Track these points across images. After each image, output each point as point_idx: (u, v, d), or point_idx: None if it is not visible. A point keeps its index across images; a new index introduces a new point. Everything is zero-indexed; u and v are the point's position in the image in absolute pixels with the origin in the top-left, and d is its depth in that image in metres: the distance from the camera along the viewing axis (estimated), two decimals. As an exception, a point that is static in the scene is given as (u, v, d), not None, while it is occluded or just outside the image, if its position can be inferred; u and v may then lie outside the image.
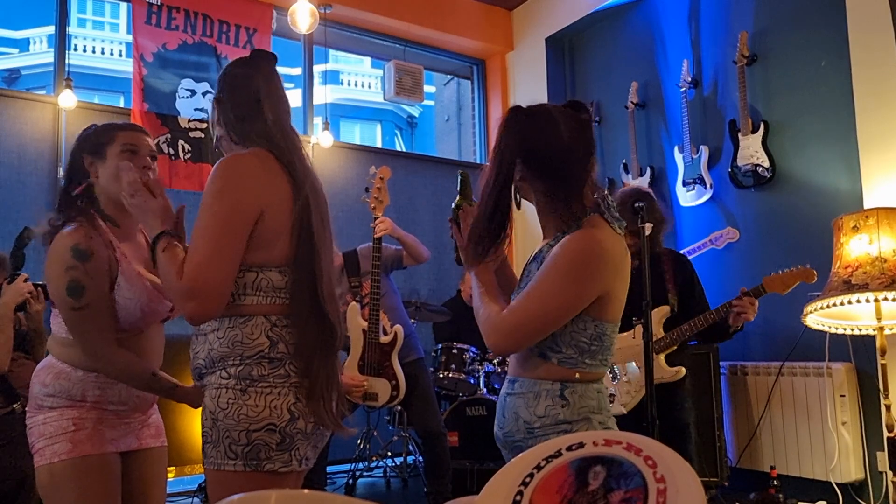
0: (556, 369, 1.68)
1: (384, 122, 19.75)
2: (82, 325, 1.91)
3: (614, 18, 5.97)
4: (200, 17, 5.37)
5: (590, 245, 1.64)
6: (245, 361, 1.63)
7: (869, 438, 4.07)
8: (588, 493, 0.78)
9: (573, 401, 1.66)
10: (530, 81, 6.52)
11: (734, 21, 4.97)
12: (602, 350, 1.70)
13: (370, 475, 5.19)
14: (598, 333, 1.68)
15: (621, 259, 1.69)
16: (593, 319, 1.67)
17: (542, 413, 1.67)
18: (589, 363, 1.69)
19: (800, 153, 4.57)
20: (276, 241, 1.66)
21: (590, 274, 1.63)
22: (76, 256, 1.90)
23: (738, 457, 4.51)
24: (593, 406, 1.68)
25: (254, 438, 1.60)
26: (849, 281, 3.16)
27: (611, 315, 1.69)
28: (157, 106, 5.15)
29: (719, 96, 5.06)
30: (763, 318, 4.57)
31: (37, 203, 4.76)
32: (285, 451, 1.62)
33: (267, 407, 1.61)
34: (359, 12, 5.97)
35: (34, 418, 1.97)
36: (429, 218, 6.19)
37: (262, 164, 1.67)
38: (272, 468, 1.61)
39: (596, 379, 1.71)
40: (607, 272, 1.65)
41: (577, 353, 1.67)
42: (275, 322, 1.65)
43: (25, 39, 18.12)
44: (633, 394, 3.31)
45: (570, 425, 1.65)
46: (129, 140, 2.02)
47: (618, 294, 1.69)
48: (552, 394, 1.67)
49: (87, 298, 1.89)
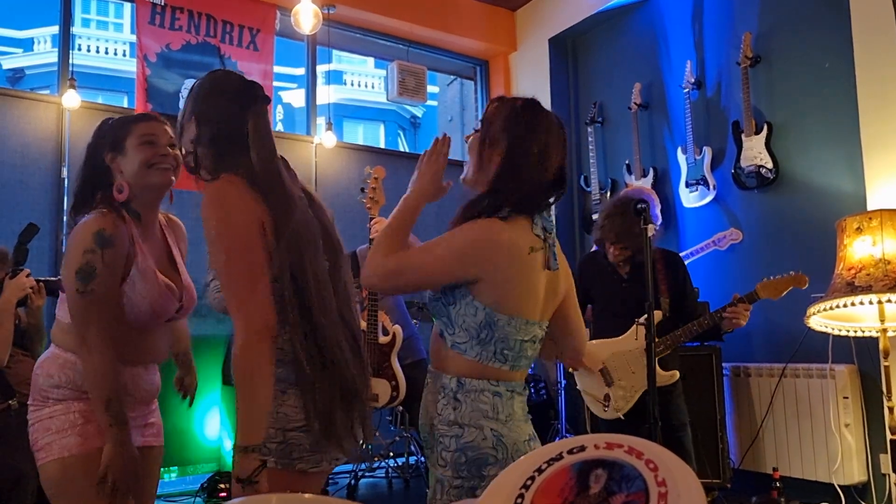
0: (453, 358, 1.70)
1: (387, 122, 19.78)
2: (83, 310, 1.88)
3: (618, 19, 5.97)
4: (204, 18, 5.38)
5: (482, 227, 1.68)
6: (286, 364, 1.69)
7: (872, 440, 4.06)
8: (589, 497, 0.78)
9: (465, 402, 1.66)
10: (533, 82, 6.51)
11: (738, 22, 4.97)
12: (495, 340, 1.67)
13: (372, 476, 5.19)
14: (488, 321, 1.66)
15: (517, 254, 1.67)
16: (484, 307, 1.66)
17: (439, 412, 1.70)
18: (480, 352, 1.67)
19: (803, 154, 4.56)
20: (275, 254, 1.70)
21: (471, 251, 1.66)
22: (97, 241, 1.89)
23: (741, 458, 4.51)
24: (485, 410, 1.65)
25: (289, 438, 1.66)
26: (852, 283, 3.15)
27: (502, 306, 1.66)
28: (160, 106, 5.16)
29: (723, 97, 5.06)
30: (766, 319, 4.58)
31: (40, 203, 4.77)
32: (317, 452, 1.68)
33: (302, 409, 1.67)
34: (362, 13, 5.98)
35: (39, 412, 1.93)
36: (432, 219, 6.15)
37: (238, 188, 1.69)
38: (303, 468, 1.67)
39: (495, 378, 1.68)
40: (490, 258, 1.65)
41: (468, 338, 1.68)
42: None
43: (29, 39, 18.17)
44: (627, 399, 3.31)
45: (461, 428, 1.65)
46: (146, 131, 2.03)
47: (507, 286, 1.66)
48: (448, 392, 1.69)
49: (95, 285, 1.87)
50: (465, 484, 1.63)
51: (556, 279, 1.77)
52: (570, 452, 0.85)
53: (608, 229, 3.38)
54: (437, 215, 6.19)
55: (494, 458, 1.62)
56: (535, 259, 1.69)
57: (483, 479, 1.61)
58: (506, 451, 1.63)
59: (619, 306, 3.35)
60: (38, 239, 2.99)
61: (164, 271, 2.06)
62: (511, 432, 1.66)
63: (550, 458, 0.86)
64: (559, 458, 0.85)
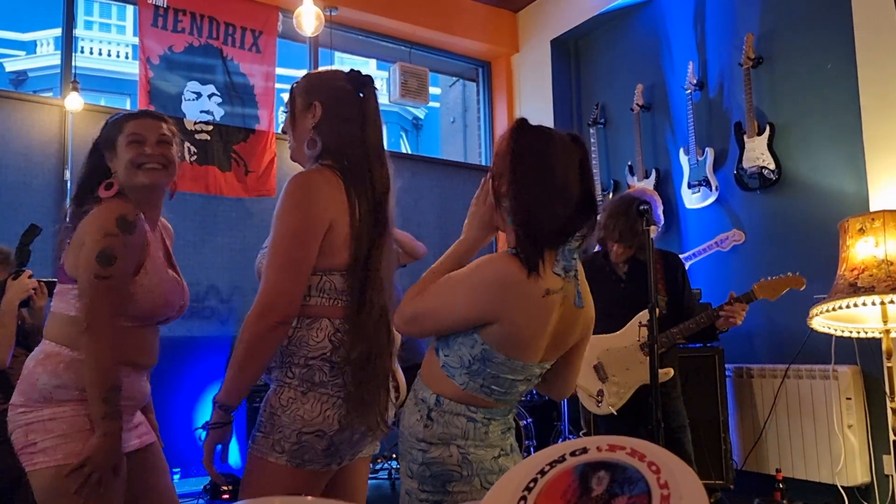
0: (440, 374, 1.66)
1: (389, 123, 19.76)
2: (99, 296, 1.82)
3: (620, 20, 5.97)
4: (206, 20, 5.38)
5: (496, 268, 1.59)
6: (310, 363, 1.72)
7: (875, 442, 4.06)
8: (592, 499, 0.79)
9: (437, 422, 1.63)
10: (536, 83, 6.52)
11: (740, 23, 4.96)
12: (485, 375, 1.61)
13: (375, 477, 5.18)
14: (484, 356, 1.59)
15: (528, 302, 1.56)
16: (482, 342, 1.59)
17: (411, 424, 1.68)
18: (467, 382, 1.63)
19: (806, 155, 4.56)
20: (341, 249, 1.74)
21: (483, 295, 1.58)
22: (120, 226, 1.84)
23: (744, 460, 4.50)
24: (455, 434, 1.62)
25: (303, 440, 1.69)
26: (855, 284, 3.14)
27: (503, 347, 1.59)
28: (163, 108, 5.16)
29: (725, 98, 5.05)
30: (769, 320, 4.57)
31: (43, 205, 4.78)
32: (331, 455, 1.72)
33: (321, 414, 1.70)
34: (364, 14, 5.98)
35: (37, 412, 1.83)
36: (434, 220, 6.20)
37: (327, 181, 1.76)
38: (313, 469, 1.71)
39: (475, 405, 1.64)
40: (503, 303, 1.56)
41: (459, 364, 1.63)
42: (338, 327, 1.73)
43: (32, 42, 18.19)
44: (621, 394, 3.32)
45: (429, 445, 1.63)
46: (133, 129, 1.97)
47: (513, 330, 1.58)
48: (424, 408, 1.66)
49: (114, 271, 1.82)
50: (431, 498, 1.63)
51: (575, 318, 1.66)
52: (573, 454, 0.85)
53: (611, 228, 3.38)
54: (439, 216, 6.21)
55: (459, 475, 1.61)
56: (550, 302, 1.58)
57: (448, 494, 1.61)
58: (471, 468, 1.61)
59: (618, 307, 3.36)
60: (40, 240, 2.99)
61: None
62: (478, 450, 1.63)
63: (553, 460, 0.86)
64: (562, 461, 0.85)
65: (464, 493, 1.60)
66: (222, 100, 5.41)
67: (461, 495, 1.60)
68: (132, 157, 1.94)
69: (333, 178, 1.77)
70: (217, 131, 5.36)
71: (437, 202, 6.32)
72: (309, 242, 1.70)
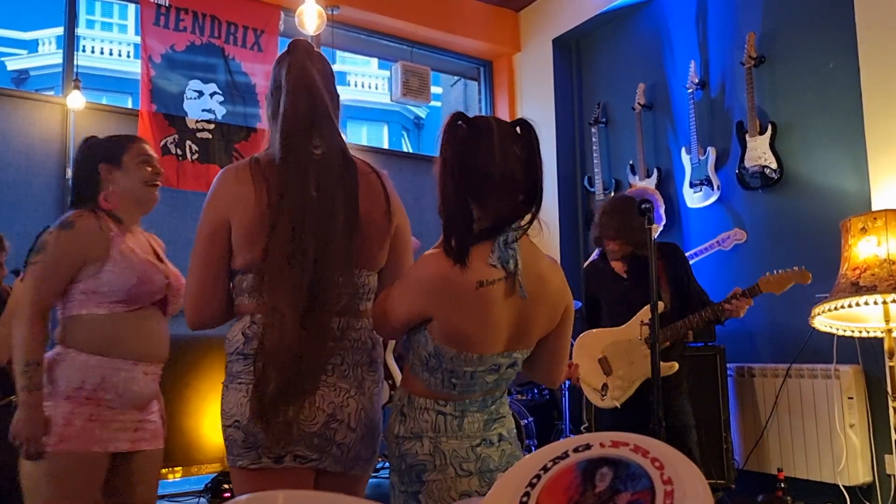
0: (409, 377, 1.70)
1: (391, 123, 19.77)
2: (27, 282, 2.08)
3: (622, 20, 5.97)
4: (208, 19, 5.39)
5: (426, 265, 1.61)
6: (230, 358, 1.69)
7: (877, 441, 4.05)
8: (595, 495, 0.78)
9: (409, 417, 1.66)
10: (537, 83, 6.51)
11: (742, 22, 4.96)
12: (442, 370, 1.62)
13: (375, 475, 5.18)
14: (437, 353, 1.61)
15: (458, 295, 1.56)
16: (433, 340, 1.61)
17: (390, 423, 1.72)
18: (429, 378, 1.65)
19: (808, 155, 4.55)
20: (252, 246, 1.65)
21: (416, 292, 1.61)
22: (58, 225, 2.12)
23: (745, 459, 4.50)
24: (425, 428, 1.64)
25: (228, 434, 1.64)
26: (857, 283, 3.14)
27: (449, 341, 1.59)
28: (164, 107, 5.17)
29: (727, 98, 5.05)
30: (771, 319, 4.57)
31: (45, 203, 4.78)
32: (251, 448, 1.61)
33: (236, 404, 1.64)
34: (366, 14, 5.98)
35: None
36: (435, 219, 6.14)
37: (234, 175, 1.71)
38: (243, 464, 1.63)
39: (443, 399, 1.65)
40: (435, 297, 1.58)
41: (419, 363, 1.66)
42: (254, 320, 1.67)
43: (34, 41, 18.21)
44: (624, 388, 3.32)
45: (400, 440, 1.66)
46: (144, 151, 2.27)
47: (452, 323, 1.58)
48: (398, 405, 1.70)
49: (40, 258, 2.07)
50: (409, 489, 1.64)
51: (536, 307, 1.64)
52: (576, 451, 0.85)
53: (607, 226, 3.38)
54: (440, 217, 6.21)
55: (433, 465, 1.61)
56: (486, 293, 1.56)
57: (423, 483, 1.61)
58: (444, 457, 1.61)
59: (623, 306, 3.36)
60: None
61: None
62: (451, 440, 1.63)
63: (556, 456, 0.86)
64: (564, 457, 0.85)
65: (438, 481, 1.60)
66: (224, 98, 5.41)
67: (436, 483, 1.60)
68: (146, 176, 2.25)
69: (242, 172, 1.70)
70: (219, 130, 5.36)
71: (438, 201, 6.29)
72: (213, 244, 1.68)
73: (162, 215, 5.09)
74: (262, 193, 1.65)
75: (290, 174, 1.66)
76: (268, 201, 1.64)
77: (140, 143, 2.30)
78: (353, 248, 1.70)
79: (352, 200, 1.71)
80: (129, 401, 2.11)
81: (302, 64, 1.72)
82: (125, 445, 2.12)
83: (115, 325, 2.09)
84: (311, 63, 1.74)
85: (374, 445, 1.76)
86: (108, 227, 2.15)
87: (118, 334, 2.10)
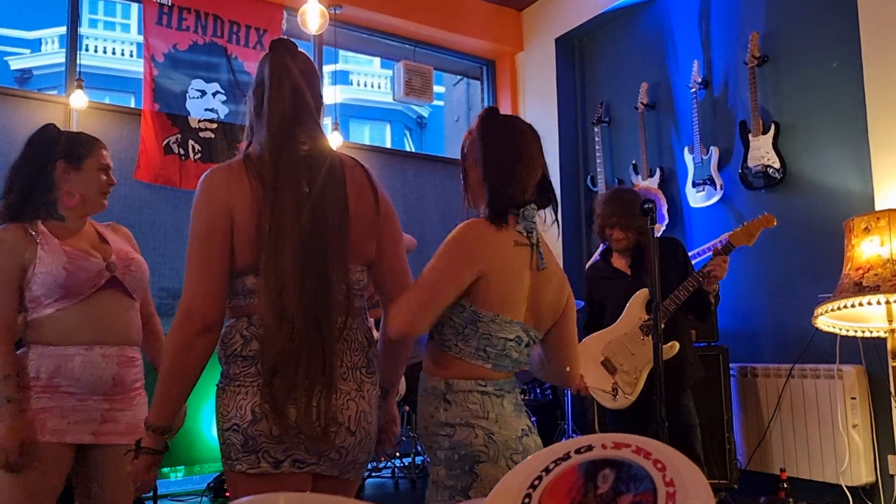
0: (438, 357, 1.75)
1: (394, 122, 19.77)
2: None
3: (624, 19, 5.96)
4: (211, 18, 5.39)
5: (470, 227, 1.75)
6: (227, 361, 1.66)
7: (880, 441, 4.05)
8: (597, 496, 0.78)
9: (454, 403, 1.70)
10: (540, 82, 6.51)
11: (745, 22, 4.95)
12: (477, 337, 1.71)
13: (378, 476, 5.19)
14: (473, 318, 1.71)
15: (501, 250, 1.73)
16: (469, 305, 1.71)
17: (430, 414, 1.75)
18: (463, 349, 1.72)
19: (811, 154, 4.55)
20: (247, 247, 1.64)
21: (466, 252, 1.72)
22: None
23: (748, 459, 4.49)
24: (475, 410, 1.69)
25: (225, 438, 1.62)
26: (860, 283, 3.14)
27: (487, 303, 1.71)
28: (167, 106, 5.17)
29: (730, 97, 5.04)
30: (774, 319, 4.56)
31: (48, 203, 4.78)
32: (251, 452, 1.59)
33: (235, 407, 1.61)
34: (368, 13, 5.98)
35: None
36: (438, 218, 6.19)
37: (229, 173, 1.68)
38: (241, 469, 1.60)
39: (481, 378, 1.72)
40: (482, 252, 1.71)
41: (452, 334, 1.73)
42: (252, 321, 1.64)
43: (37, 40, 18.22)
44: (633, 382, 3.31)
45: (453, 428, 1.69)
46: (105, 160, 2.27)
47: (496, 280, 1.71)
48: (438, 394, 1.73)
49: None
50: (458, 484, 1.65)
51: (546, 283, 1.80)
52: (578, 452, 0.85)
53: (609, 214, 3.38)
54: (443, 214, 6.21)
55: (486, 456, 1.65)
56: (520, 254, 1.75)
57: (475, 477, 1.63)
58: (497, 448, 1.67)
59: (626, 301, 3.37)
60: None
61: (94, 246, 2.22)
62: (502, 430, 1.69)
63: (558, 457, 0.86)
64: (567, 458, 0.85)
65: (490, 474, 1.62)
66: (226, 98, 5.42)
67: (488, 477, 1.62)
68: (103, 186, 2.26)
69: (237, 170, 1.68)
70: (221, 129, 5.36)
71: (440, 200, 6.32)
72: (212, 243, 1.63)
73: (164, 214, 5.11)
74: (259, 191, 1.64)
75: (282, 172, 1.65)
76: (265, 199, 1.63)
77: (102, 148, 2.28)
78: (347, 244, 1.69)
79: (341, 196, 1.71)
80: (88, 385, 2.09)
81: (283, 62, 1.74)
82: (87, 438, 2.09)
83: (67, 319, 2.10)
84: (293, 61, 1.75)
85: (370, 449, 1.74)
86: (37, 230, 2.14)
87: (70, 325, 2.09)
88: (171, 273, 4.98)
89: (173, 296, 4.97)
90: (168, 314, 5.02)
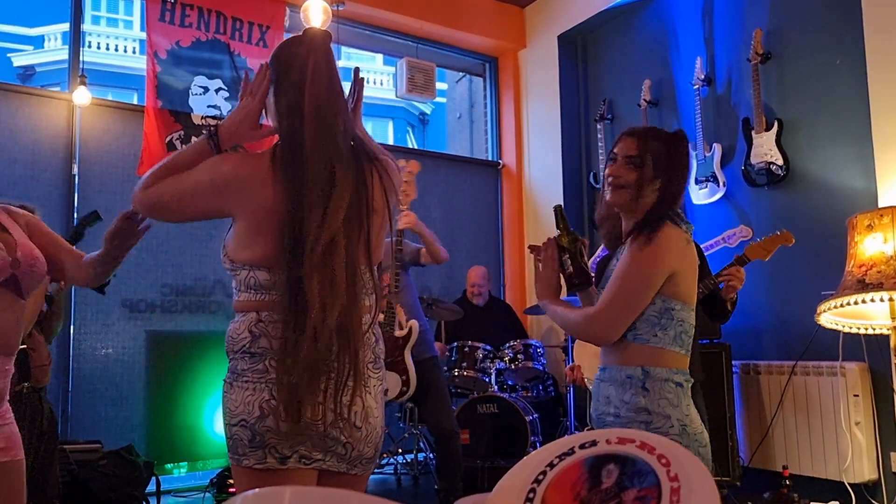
0: (635, 349, 1.88)
1: (396, 119, 19.76)
2: None
3: (627, 16, 5.95)
4: (214, 15, 5.39)
5: (671, 234, 1.91)
6: (235, 356, 1.64)
7: (882, 439, 4.05)
8: (601, 491, 0.78)
9: (652, 390, 1.83)
10: (543, 79, 6.51)
11: (748, 19, 4.94)
12: (674, 325, 1.88)
13: (381, 472, 5.20)
14: (666, 308, 1.87)
15: (686, 245, 1.94)
16: (662, 299, 1.88)
17: (627, 399, 1.86)
18: (663, 338, 1.86)
19: (814, 151, 4.54)
20: (258, 241, 1.62)
21: (668, 255, 1.88)
22: None
23: (751, 456, 4.49)
24: (672, 399, 1.83)
25: (232, 433, 1.61)
26: (863, 280, 3.13)
27: (679, 294, 1.90)
28: (170, 103, 5.18)
29: (733, 94, 5.03)
30: (776, 316, 4.56)
31: (50, 199, 4.79)
32: (258, 448, 1.59)
33: (242, 402, 1.60)
34: (371, 9, 5.98)
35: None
36: (440, 215, 6.19)
37: (246, 158, 1.67)
38: (248, 464, 1.60)
39: (675, 366, 1.87)
40: (681, 253, 1.91)
41: (648, 326, 1.87)
42: (262, 317, 1.62)
43: (40, 36, 18.22)
44: None
45: (651, 415, 1.81)
46: None
47: (686, 274, 1.92)
48: (636, 382, 1.85)
49: None
50: None
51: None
52: (582, 447, 0.85)
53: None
54: (445, 211, 6.21)
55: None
56: (692, 249, 1.97)
57: None
58: (689, 439, 1.82)
59: None
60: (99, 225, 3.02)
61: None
62: (692, 423, 1.85)
63: (562, 452, 0.86)
64: (571, 453, 0.85)
65: None
66: (229, 94, 5.42)
67: None
68: None
69: (260, 158, 1.65)
70: (224, 126, 5.36)
71: (443, 197, 6.31)
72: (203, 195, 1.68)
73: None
74: (279, 183, 1.61)
75: (315, 164, 1.62)
76: (293, 192, 1.59)
77: None
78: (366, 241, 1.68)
79: (365, 192, 1.68)
80: None
81: (327, 52, 1.74)
82: None
83: None
84: (331, 54, 1.76)
85: (378, 444, 1.73)
86: None
87: None
88: (173, 270, 4.98)
89: (176, 292, 4.98)
90: (170, 311, 5.04)
